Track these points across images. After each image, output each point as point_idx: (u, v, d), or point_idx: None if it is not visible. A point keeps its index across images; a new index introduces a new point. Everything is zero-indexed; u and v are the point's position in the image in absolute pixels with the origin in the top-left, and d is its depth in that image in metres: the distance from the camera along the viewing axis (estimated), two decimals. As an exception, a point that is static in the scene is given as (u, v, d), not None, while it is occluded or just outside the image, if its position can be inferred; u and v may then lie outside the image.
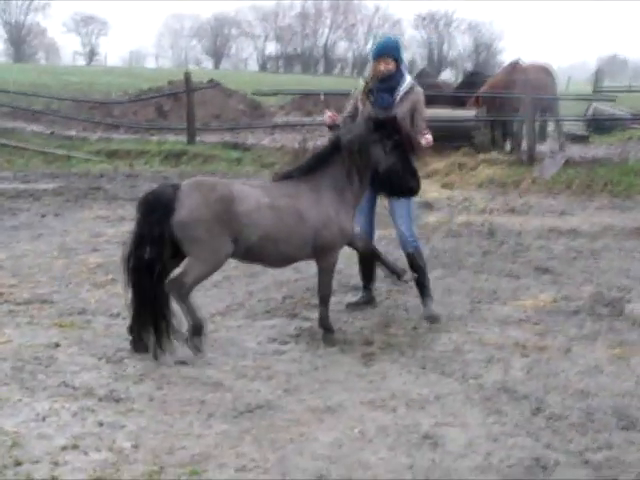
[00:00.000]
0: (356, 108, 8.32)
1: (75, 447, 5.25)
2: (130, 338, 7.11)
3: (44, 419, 5.68)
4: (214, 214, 6.84)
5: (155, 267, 6.83)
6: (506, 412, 5.93)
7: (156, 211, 6.82)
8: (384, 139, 7.52)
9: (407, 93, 8.18)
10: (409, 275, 8.19)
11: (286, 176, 7.58)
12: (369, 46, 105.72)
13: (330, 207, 7.37)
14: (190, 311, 7.00)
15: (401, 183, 7.76)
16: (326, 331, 7.55)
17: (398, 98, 8.16)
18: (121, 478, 4.88)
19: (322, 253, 7.46)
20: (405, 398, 6.16)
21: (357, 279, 8.93)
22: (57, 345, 7.24)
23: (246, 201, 7.02)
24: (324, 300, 7.61)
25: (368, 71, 8.46)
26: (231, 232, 6.93)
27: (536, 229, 12.72)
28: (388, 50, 8.20)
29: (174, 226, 6.78)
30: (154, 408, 5.92)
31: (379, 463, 5.12)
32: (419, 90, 8.31)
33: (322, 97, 24.04)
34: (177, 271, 7.09)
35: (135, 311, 7.00)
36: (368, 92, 8.23)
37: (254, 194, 7.14)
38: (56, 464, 5.02)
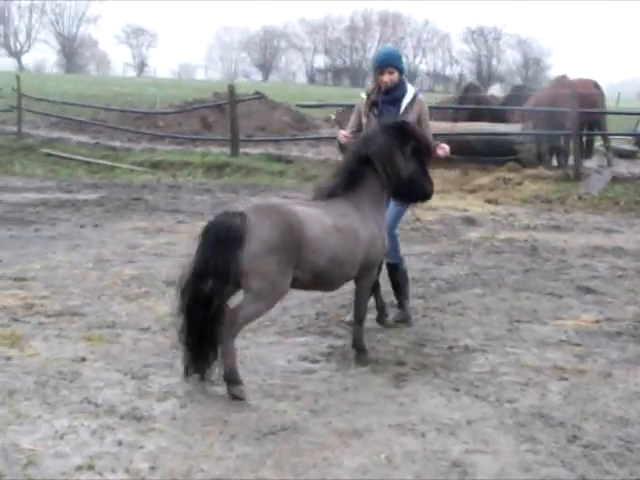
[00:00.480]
0: (360, 122, 8.18)
1: (90, 467, 5.09)
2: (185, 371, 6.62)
3: (62, 437, 5.53)
4: (286, 243, 6.32)
5: (215, 302, 6.30)
6: (540, 440, 5.68)
7: (224, 243, 6.20)
8: (403, 145, 7.24)
9: (411, 103, 8.07)
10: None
11: (331, 193, 7.19)
12: (417, 59, 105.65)
13: (374, 223, 7.12)
14: (230, 354, 6.39)
15: (419, 189, 7.47)
16: (359, 351, 7.34)
17: (403, 108, 8.02)
18: (135, 502, 4.72)
19: (366, 271, 7.19)
20: (435, 422, 5.93)
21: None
22: (83, 359, 7.11)
23: (313, 225, 6.56)
24: (359, 319, 7.38)
25: (369, 83, 8.27)
26: (297, 260, 6.44)
27: (581, 247, 12.44)
28: (391, 60, 8.07)
29: (243, 259, 6.20)
30: (176, 427, 5.74)
31: (404, 492, 4.91)
32: (422, 99, 8.23)
33: (333, 117, 23.91)
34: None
35: (188, 346, 6.50)
36: (372, 105, 8.07)
37: (317, 216, 6.69)
38: (70, 485, 4.87)
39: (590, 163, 20.49)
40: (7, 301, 8.79)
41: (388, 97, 8.06)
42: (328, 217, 6.77)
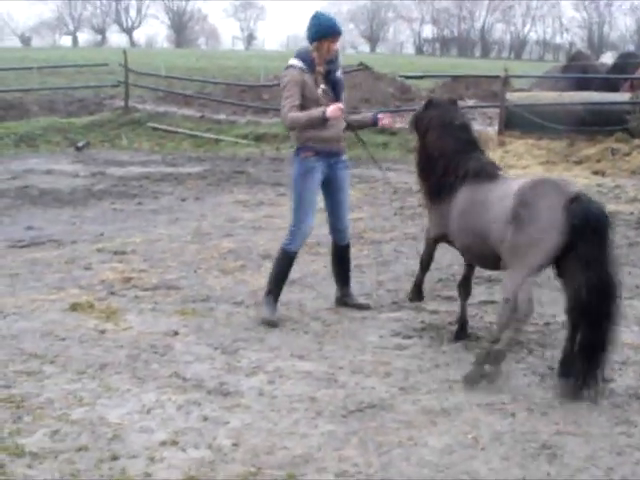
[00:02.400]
0: (303, 96, 7.36)
1: (174, 443, 5.10)
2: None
3: (149, 411, 5.56)
4: None
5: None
6: (636, 422, 5.46)
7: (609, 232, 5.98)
8: None
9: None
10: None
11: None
12: (527, 28, 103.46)
13: None
14: None
15: None
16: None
17: (340, 75, 7.63)
18: (215, 478, 4.69)
19: None
20: (526, 402, 5.76)
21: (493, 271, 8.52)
22: (176, 333, 7.16)
23: None
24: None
25: (310, 53, 7.37)
26: None
27: (691, 220, 11.97)
28: (340, 27, 7.54)
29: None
30: (262, 404, 5.72)
31: (489, 474, 4.76)
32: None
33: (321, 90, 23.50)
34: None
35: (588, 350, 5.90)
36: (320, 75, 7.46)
37: None
38: (152, 460, 4.88)
39: None
40: (106, 274, 8.92)
41: (333, 66, 7.52)
42: None
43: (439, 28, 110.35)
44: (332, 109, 7.20)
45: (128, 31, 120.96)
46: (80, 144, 20.48)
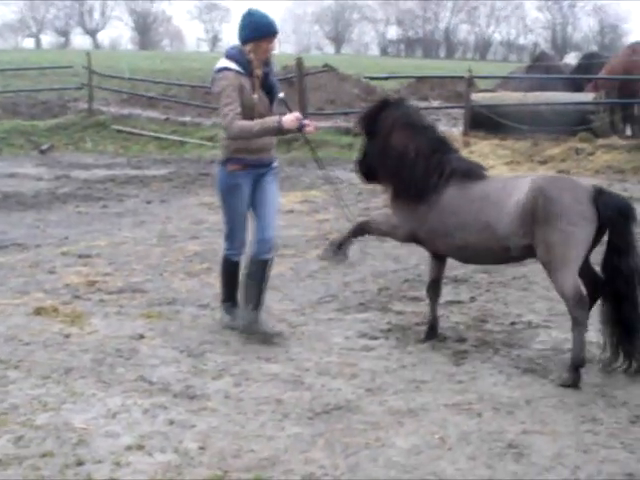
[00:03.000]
0: (241, 100, 6.79)
1: (140, 447, 5.06)
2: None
3: (114, 416, 5.52)
4: None
5: None
6: (601, 420, 5.50)
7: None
8: None
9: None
10: None
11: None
12: (491, 29, 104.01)
13: None
14: None
15: None
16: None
17: (275, 79, 7.16)
18: (182, 482, 4.67)
19: None
20: (493, 401, 5.78)
21: (461, 272, 8.59)
22: (141, 337, 7.11)
23: None
24: None
25: (245, 54, 6.79)
26: None
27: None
28: (276, 26, 7.01)
29: None
30: (228, 406, 5.69)
31: (456, 474, 4.77)
32: None
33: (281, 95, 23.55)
34: None
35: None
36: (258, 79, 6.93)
37: None
38: (118, 465, 4.83)
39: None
40: (70, 278, 8.85)
41: (268, 69, 7.01)
42: None
43: (404, 29, 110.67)
44: (289, 119, 6.71)
45: (92, 33, 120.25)
46: (44, 147, 20.36)
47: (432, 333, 7.14)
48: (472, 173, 6.74)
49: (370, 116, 7.14)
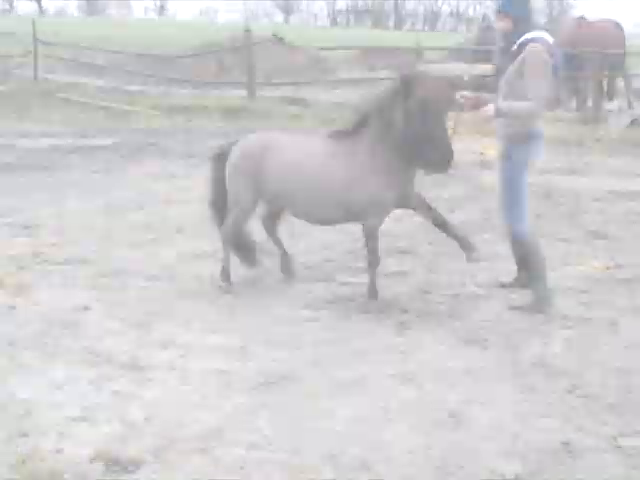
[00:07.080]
0: None
1: (85, 418, 5.10)
2: None
3: (59, 387, 5.55)
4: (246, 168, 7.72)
5: None
6: (539, 389, 5.63)
7: None
8: (404, 100, 6.76)
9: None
10: (477, 254, 7.23)
11: (334, 134, 7.47)
12: (440, 0, 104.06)
13: (362, 171, 7.05)
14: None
15: (427, 153, 6.86)
16: (370, 295, 7.29)
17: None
18: (126, 452, 4.70)
19: (357, 215, 7.24)
20: (434, 371, 5.89)
21: (405, 243, 8.69)
22: (86, 308, 7.11)
23: (278, 155, 7.56)
24: (371, 264, 7.28)
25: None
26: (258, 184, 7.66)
27: (596, 191, 12.22)
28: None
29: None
30: (173, 377, 5.74)
31: (396, 442, 4.87)
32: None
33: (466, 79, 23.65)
34: None
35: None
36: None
37: (291, 148, 7.63)
38: (63, 436, 4.87)
39: (611, 105, 20.18)
40: (15, 249, 8.79)
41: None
42: (305, 153, 7.29)
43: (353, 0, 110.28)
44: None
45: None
46: (-13, 115, 20.08)
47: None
48: None
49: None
